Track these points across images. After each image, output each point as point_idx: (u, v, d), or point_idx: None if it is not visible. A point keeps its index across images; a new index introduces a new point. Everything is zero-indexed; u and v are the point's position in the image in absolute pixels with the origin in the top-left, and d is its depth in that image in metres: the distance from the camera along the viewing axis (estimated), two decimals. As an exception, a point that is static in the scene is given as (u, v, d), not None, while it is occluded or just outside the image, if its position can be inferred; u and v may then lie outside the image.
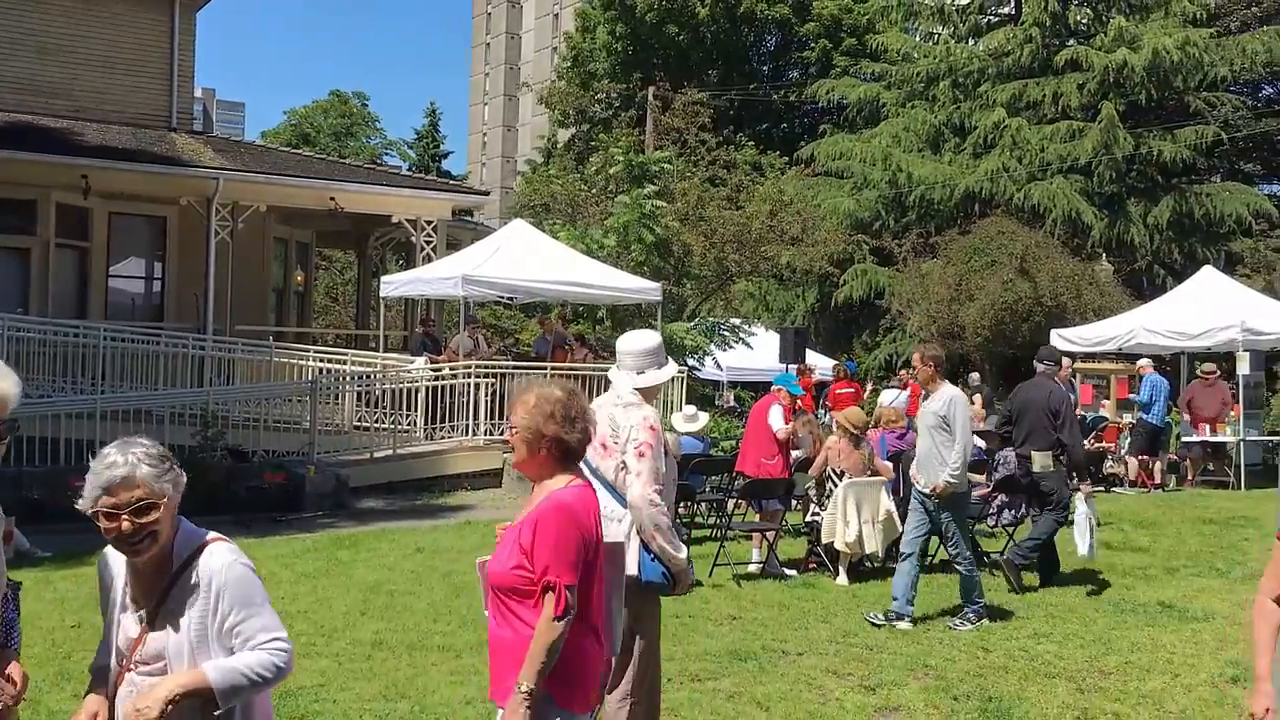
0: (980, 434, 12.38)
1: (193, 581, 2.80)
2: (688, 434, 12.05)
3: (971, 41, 31.20)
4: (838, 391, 18.10)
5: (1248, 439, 15.69)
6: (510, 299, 19.23)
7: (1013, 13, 30.97)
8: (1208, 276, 17.92)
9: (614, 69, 43.77)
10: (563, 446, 3.28)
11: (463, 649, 6.89)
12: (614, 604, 3.69)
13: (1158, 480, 15.97)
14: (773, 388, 10.45)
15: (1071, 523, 9.05)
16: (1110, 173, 26.90)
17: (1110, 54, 27.01)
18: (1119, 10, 28.91)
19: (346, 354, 17.78)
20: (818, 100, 36.17)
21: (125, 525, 2.72)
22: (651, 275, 18.14)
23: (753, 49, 45.00)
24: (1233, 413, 15.80)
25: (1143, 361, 16.21)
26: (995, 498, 10.21)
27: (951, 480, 7.54)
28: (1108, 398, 18.45)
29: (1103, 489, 15.60)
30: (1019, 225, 24.08)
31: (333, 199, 18.16)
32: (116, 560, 2.89)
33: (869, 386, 21.12)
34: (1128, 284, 24.63)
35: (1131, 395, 17.05)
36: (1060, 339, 18.38)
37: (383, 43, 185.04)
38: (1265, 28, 30.21)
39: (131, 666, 2.82)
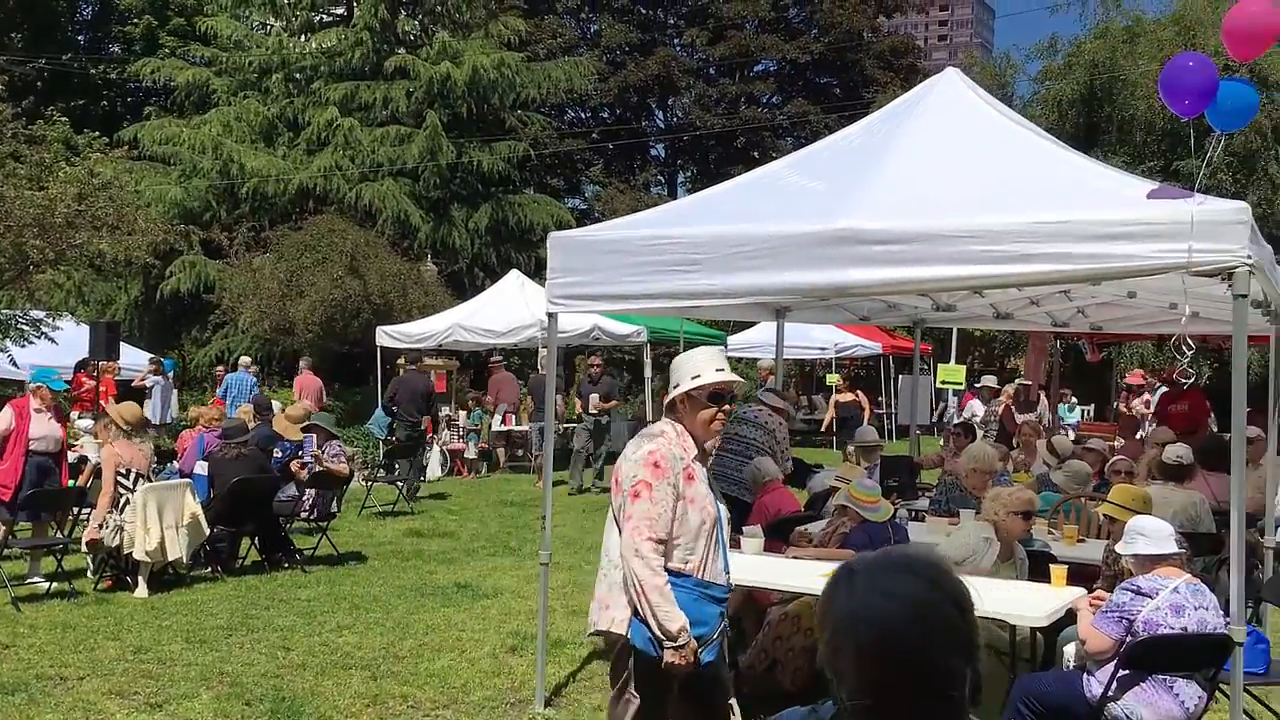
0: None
1: None
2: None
3: (304, 38, 31.11)
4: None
5: (543, 426, 17.40)
6: None
7: (345, 14, 31.41)
8: (514, 279, 19.58)
9: (-120, 16, 37.03)
10: None
11: None
12: None
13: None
14: (29, 385, 9.49)
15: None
16: (435, 178, 28.37)
17: (435, 66, 28.48)
18: (443, 26, 30.55)
19: None
20: (142, 79, 33.73)
21: None
22: (-73, 260, 15.65)
23: (65, 16, 40.65)
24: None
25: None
26: (306, 493, 10.25)
27: None
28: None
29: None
30: (351, 224, 24.48)
31: None
32: None
33: None
34: (450, 284, 26.11)
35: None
36: (386, 336, 19.02)
37: None
38: (566, 58, 33.91)
39: None
